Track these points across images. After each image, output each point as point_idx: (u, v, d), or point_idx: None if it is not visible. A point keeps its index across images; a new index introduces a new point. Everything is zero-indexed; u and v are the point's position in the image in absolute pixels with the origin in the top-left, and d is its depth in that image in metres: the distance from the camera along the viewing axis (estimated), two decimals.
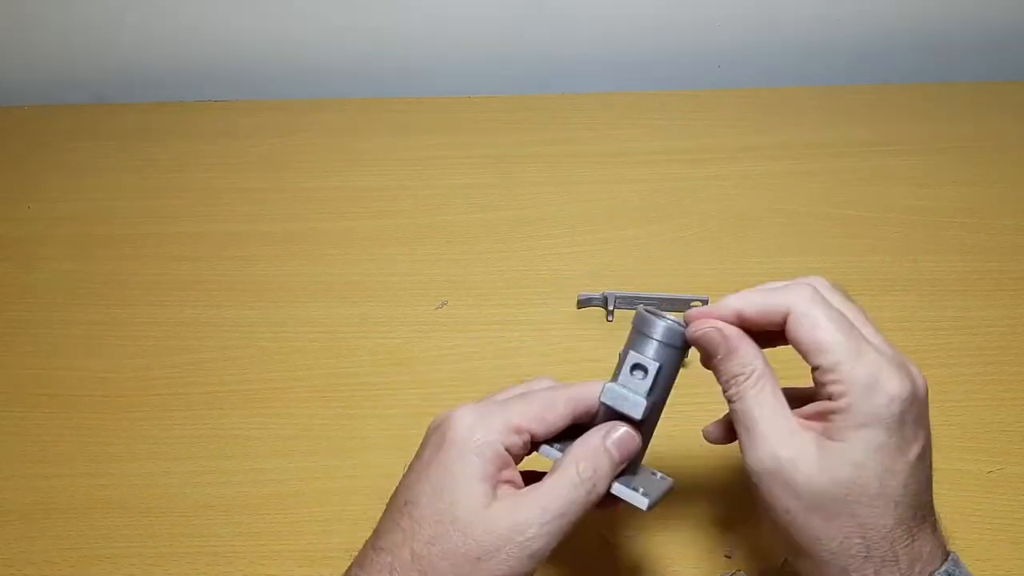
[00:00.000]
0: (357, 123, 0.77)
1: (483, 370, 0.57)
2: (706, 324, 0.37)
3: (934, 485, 0.37)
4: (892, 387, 0.34)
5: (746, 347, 0.37)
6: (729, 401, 0.37)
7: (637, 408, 0.37)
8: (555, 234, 0.66)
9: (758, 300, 0.37)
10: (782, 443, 0.35)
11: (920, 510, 0.35)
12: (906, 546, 0.34)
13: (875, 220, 0.66)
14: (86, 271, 0.65)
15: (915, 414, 0.35)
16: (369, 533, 0.49)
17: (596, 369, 0.57)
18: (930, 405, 0.54)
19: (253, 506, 0.51)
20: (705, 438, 0.42)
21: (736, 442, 0.39)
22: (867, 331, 0.36)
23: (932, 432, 0.36)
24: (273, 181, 0.71)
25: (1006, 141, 0.72)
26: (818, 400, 0.35)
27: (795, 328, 0.35)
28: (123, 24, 0.79)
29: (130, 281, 0.64)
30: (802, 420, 0.36)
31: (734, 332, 0.37)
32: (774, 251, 0.64)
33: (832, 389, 0.34)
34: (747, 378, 0.36)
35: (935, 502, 0.37)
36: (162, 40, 0.80)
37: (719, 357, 0.37)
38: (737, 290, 0.38)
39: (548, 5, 0.78)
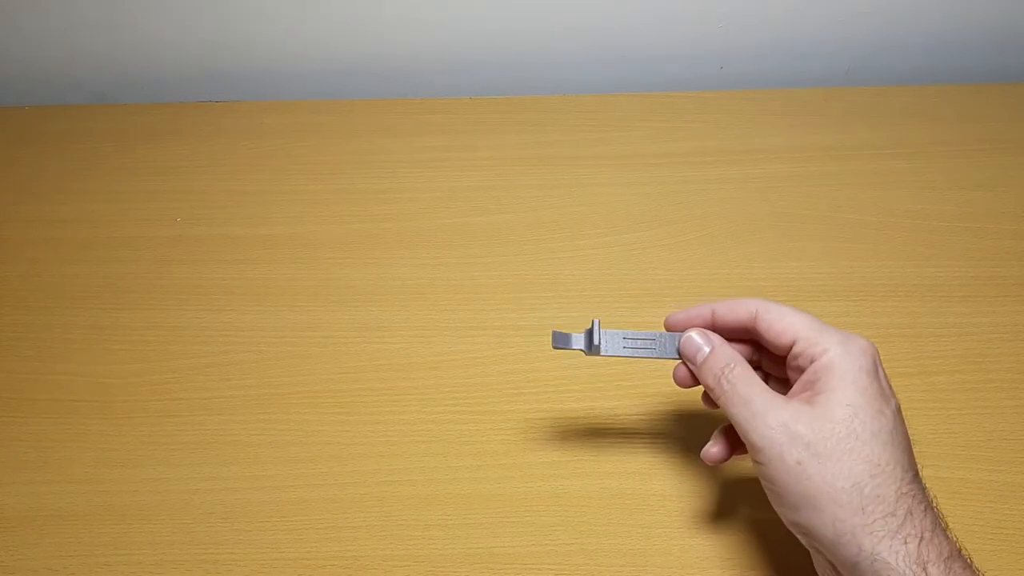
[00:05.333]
0: (357, 124, 0.76)
1: (484, 376, 0.57)
2: (691, 330, 0.44)
3: (936, 494, 0.39)
4: (861, 341, 0.40)
5: (727, 344, 0.43)
6: (721, 395, 0.41)
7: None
8: (556, 238, 0.66)
9: (729, 300, 0.43)
10: (781, 408, 0.39)
11: (911, 461, 0.38)
12: (909, 484, 0.37)
13: (877, 224, 0.66)
14: (86, 274, 0.65)
15: (883, 372, 0.40)
16: (370, 541, 0.49)
17: (599, 374, 0.57)
18: (931, 412, 0.55)
19: (253, 513, 0.51)
20: (707, 461, 0.44)
21: (733, 458, 0.44)
22: None
23: (934, 439, 0.38)
24: (273, 183, 0.71)
25: (1011, 144, 0.72)
26: (796, 381, 0.41)
27: (766, 318, 0.42)
28: (123, 24, 0.78)
29: (130, 285, 0.64)
30: (789, 397, 0.40)
31: (712, 334, 0.43)
32: (775, 255, 0.64)
33: (813, 351, 0.39)
34: (733, 368, 0.41)
35: None
36: (162, 40, 0.80)
37: (703, 356, 0.42)
38: (738, 294, 0.42)
39: (548, 6, 0.77)
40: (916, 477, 0.38)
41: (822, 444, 0.37)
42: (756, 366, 0.44)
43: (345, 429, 0.55)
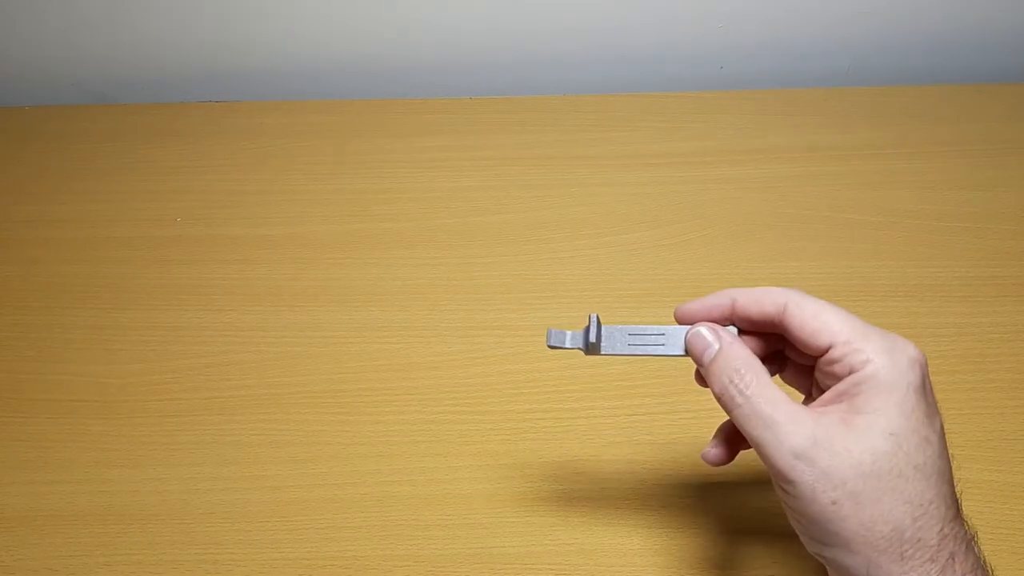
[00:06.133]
0: (357, 125, 0.76)
1: (484, 376, 0.57)
2: (698, 325, 0.38)
3: None
4: (911, 350, 0.34)
5: (739, 343, 0.37)
6: (733, 408, 0.35)
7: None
8: (556, 238, 0.66)
9: (754, 289, 0.37)
10: (810, 431, 0.33)
11: (953, 489, 0.34)
12: (951, 523, 0.33)
13: (877, 224, 0.66)
14: (85, 274, 0.65)
15: (930, 386, 0.34)
16: (370, 541, 0.49)
17: (599, 374, 0.57)
18: None
19: (253, 513, 0.51)
20: (707, 462, 0.40)
21: (733, 459, 0.40)
22: None
23: None
24: (273, 183, 0.71)
25: (1011, 144, 0.72)
26: (829, 386, 0.35)
27: (797, 314, 0.35)
28: (123, 24, 0.78)
29: (130, 285, 0.64)
30: (817, 408, 0.34)
31: (723, 329, 0.38)
32: (776, 255, 0.64)
33: (852, 360, 0.34)
34: (746, 374, 0.35)
35: None
36: (162, 40, 0.80)
37: (710, 356, 0.37)
38: None
39: (548, 6, 0.77)
40: (959, 512, 0.34)
41: (861, 482, 0.32)
42: (781, 355, 0.40)
43: (345, 429, 0.55)
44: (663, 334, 0.39)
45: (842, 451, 0.32)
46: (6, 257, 0.66)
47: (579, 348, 0.40)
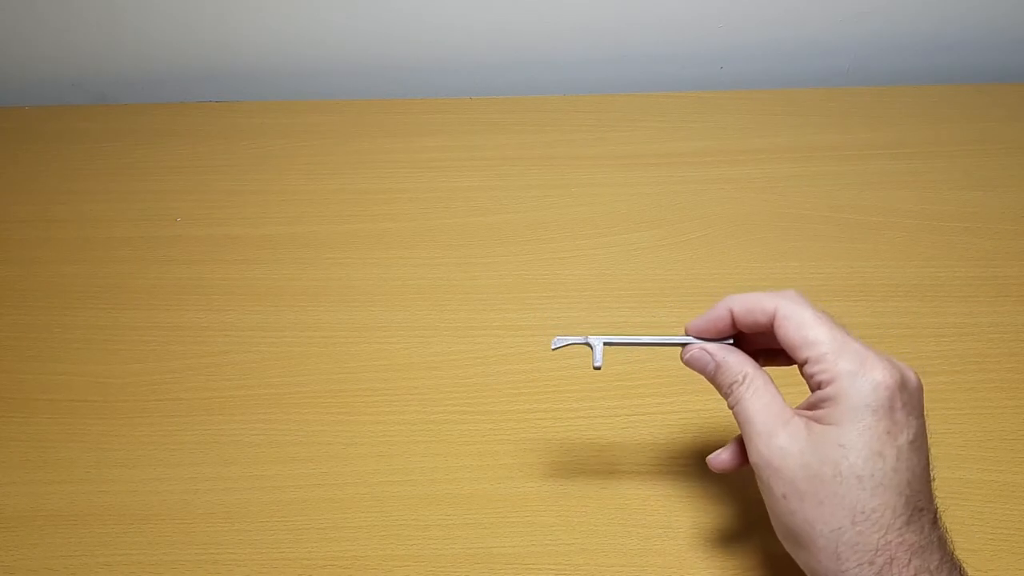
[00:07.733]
0: (357, 125, 0.76)
1: (484, 376, 0.57)
2: (693, 348, 0.42)
3: (936, 496, 0.38)
4: (877, 374, 0.36)
5: (733, 357, 0.41)
6: (731, 407, 0.40)
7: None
8: (556, 238, 0.66)
9: (748, 297, 0.40)
10: (776, 432, 0.37)
11: (913, 498, 0.36)
12: (898, 531, 0.35)
13: (878, 224, 0.66)
14: (85, 274, 0.65)
15: (905, 401, 0.37)
16: (370, 541, 0.49)
17: (599, 374, 0.57)
18: (931, 412, 0.54)
19: (253, 513, 0.51)
20: (714, 467, 0.43)
21: (741, 469, 0.43)
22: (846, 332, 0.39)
23: (934, 439, 0.38)
24: (273, 183, 0.71)
25: (1011, 144, 0.72)
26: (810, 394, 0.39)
27: (783, 325, 0.39)
28: (123, 24, 0.78)
29: (130, 284, 0.64)
30: (798, 411, 0.38)
31: (717, 347, 0.42)
32: (776, 256, 0.64)
33: (821, 378, 0.37)
34: (740, 384, 0.40)
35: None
36: (162, 40, 0.80)
37: (711, 371, 0.41)
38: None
39: (548, 6, 0.77)
40: (912, 519, 0.36)
41: (807, 483, 0.36)
42: None
43: (345, 429, 0.55)
44: (664, 343, 0.43)
45: (796, 453, 0.37)
46: (6, 257, 0.66)
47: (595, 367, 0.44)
